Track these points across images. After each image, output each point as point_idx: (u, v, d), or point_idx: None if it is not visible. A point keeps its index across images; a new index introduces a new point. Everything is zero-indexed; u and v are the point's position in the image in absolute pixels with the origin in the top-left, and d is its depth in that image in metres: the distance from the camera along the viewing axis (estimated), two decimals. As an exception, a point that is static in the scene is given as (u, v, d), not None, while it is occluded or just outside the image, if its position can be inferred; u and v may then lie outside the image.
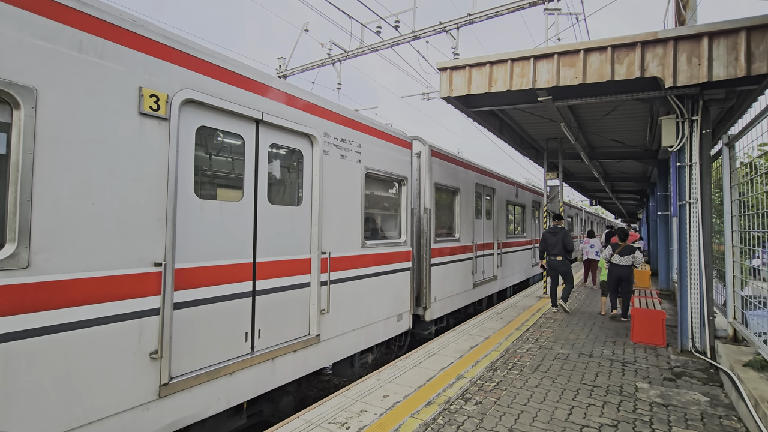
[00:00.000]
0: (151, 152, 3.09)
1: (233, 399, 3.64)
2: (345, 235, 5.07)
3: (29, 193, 2.46)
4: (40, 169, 2.51)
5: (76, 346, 2.64)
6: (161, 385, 3.08)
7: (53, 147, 2.56)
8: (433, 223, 7.30)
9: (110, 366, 2.82)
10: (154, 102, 3.10)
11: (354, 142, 5.24)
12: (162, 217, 3.11)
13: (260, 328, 3.95)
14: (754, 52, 4.27)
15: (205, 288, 3.46)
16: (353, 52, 11.36)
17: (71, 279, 2.63)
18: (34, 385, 2.47)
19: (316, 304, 4.53)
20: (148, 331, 3.01)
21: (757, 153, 4.33)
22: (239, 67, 3.80)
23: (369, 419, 3.61)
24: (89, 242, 2.72)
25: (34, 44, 2.49)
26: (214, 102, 3.53)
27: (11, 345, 2.36)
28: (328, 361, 4.80)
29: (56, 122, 2.58)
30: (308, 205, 4.57)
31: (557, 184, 10.35)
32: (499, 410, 3.81)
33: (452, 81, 5.95)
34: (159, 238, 3.09)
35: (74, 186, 2.66)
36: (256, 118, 3.91)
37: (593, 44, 5.01)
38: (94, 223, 2.75)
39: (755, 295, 4.42)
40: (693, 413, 3.79)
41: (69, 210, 2.63)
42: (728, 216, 4.99)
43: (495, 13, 9.21)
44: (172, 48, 3.25)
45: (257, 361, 3.85)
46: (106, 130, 2.84)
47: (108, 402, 2.80)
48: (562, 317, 7.83)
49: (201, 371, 3.37)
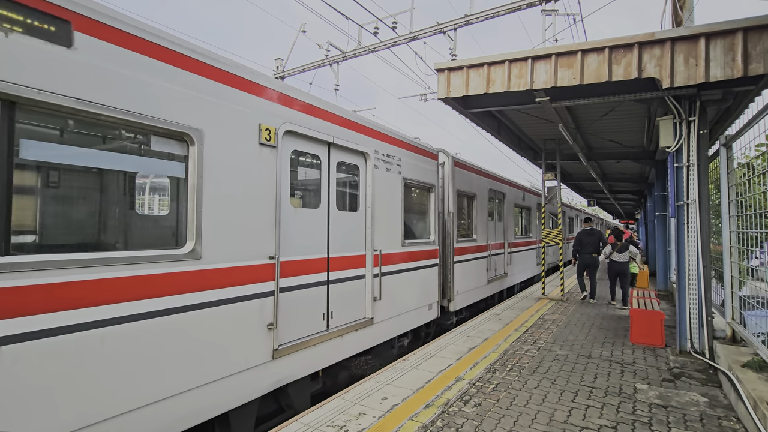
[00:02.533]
0: (267, 173, 4.03)
1: (315, 366, 4.56)
2: (390, 236, 6.01)
3: (200, 206, 3.38)
4: (206, 188, 3.42)
5: (227, 316, 3.57)
6: (274, 350, 4.00)
7: (212, 171, 3.48)
8: (456, 225, 8.22)
9: (245, 333, 3.74)
10: (267, 134, 4.04)
11: (395, 157, 6.22)
12: (273, 222, 4.05)
13: (333, 310, 4.87)
14: (751, 52, 4.28)
15: (298, 277, 4.38)
16: (351, 53, 11.35)
17: (224, 268, 3.56)
18: (200, 346, 3.36)
19: (370, 292, 5.50)
20: (266, 308, 3.93)
21: (754, 153, 4.34)
22: (318, 102, 4.76)
23: (367, 422, 3.59)
24: (233, 241, 3.66)
25: (204, 99, 3.47)
26: (303, 131, 4.47)
27: (190, 314, 3.29)
28: (378, 340, 5.71)
29: (213, 153, 3.51)
30: (363, 211, 5.54)
31: (555, 185, 10.35)
32: (498, 412, 3.80)
33: (450, 82, 5.94)
34: (271, 238, 4.03)
35: (224, 200, 3.59)
36: (329, 141, 4.85)
37: (591, 45, 5.01)
38: (236, 227, 3.69)
39: (753, 295, 4.42)
40: (692, 414, 3.78)
41: (222, 217, 3.56)
42: (726, 216, 4.99)
43: (492, 14, 9.22)
44: (277, 91, 4.20)
45: (331, 337, 4.77)
46: (241, 157, 3.78)
47: (244, 359, 3.71)
48: (560, 318, 7.82)
49: (296, 342, 4.29)
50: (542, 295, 10.19)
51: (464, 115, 7.51)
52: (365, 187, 5.55)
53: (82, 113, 2.75)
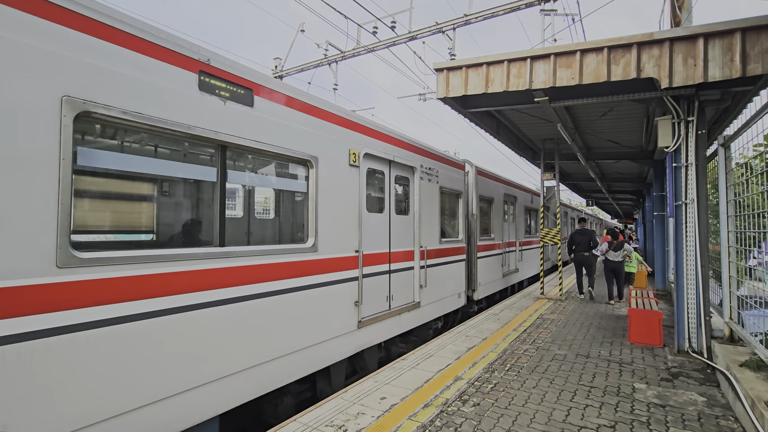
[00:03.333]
0: (353, 186, 5.27)
1: (382, 337, 5.85)
2: (431, 234, 7.25)
3: (316, 213, 4.63)
4: (320, 200, 4.68)
5: (333, 294, 4.86)
6: (358, 321, 5.28)
7: (323, 187, 4.73)
8: (478, 226, 9.55)
9: (341, 307, 5.01)
10: (354, 157, 5.29)
11: (434, 169, 7.48)
12: (357, 224, 5.31)
13: (393, 294, 6.14)
14: (749, 53, 4.28)
15: (372, 266, 5.63)
16: (349, 52, 11.34)
17: (330, 258, 4.82)
18: (319, 315, 4.63)
19: (417, 281, 6.77)
20: (354, 289, 5.22)
21: (752, 153, 4.35)
22: (384, 129, 6.09)
23: (366, 422, 3.59)
24: (335, 238, 4.91)
25: (320, 135, 4.75)
26: (375, 153, 5.74)
27: (312, 291, 4.53)
28: (423, 320, 7.04)
29: (323, 174, 4.75)
30: (412, 214, 6.80)
31: (554, 185, 10.37)
32: (496, 412, 3.80)
33: (449, 82, 5.94)
34: (356, 236, 5.29)
35: (329, 208, 4.83)
36: (390, 159, 6.15)
37: (589, 45, 5.01)
38: (337, 227, 4.95)
39: (751, 295, 4.43)
40: (690, 413, 3.79)
41: (328, 221, 4.81)
42: (724, 216, 5.00)
43: (491, 13, 9.22)
44: (359, 123, 5.48)
45: (392, 315, 6.05)
46: (338, 175, 5.02)
47: (340, 327, 4.97)
48: (559, 318, 7.83)
49: (371, 317, 5.55)
50: (541, 294, 10.20)
51: (463, 115, 7.52)
52: (413, 195, 6.84)
53: (257, 151, 4.03)
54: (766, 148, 3.98)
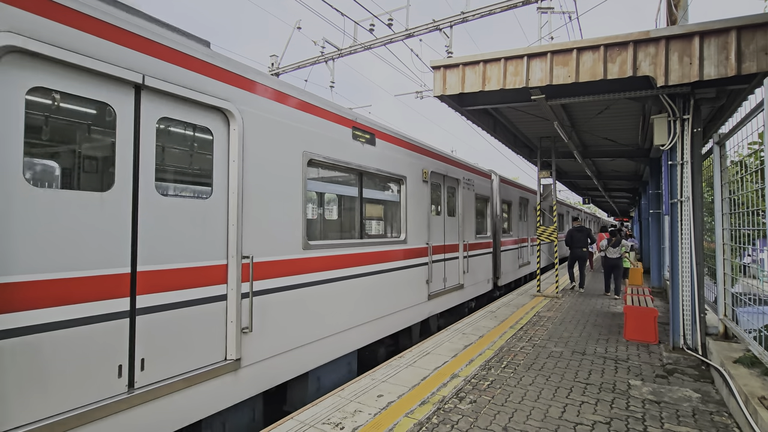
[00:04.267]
0: (425, 197, 7.21)
1: (441, 308, 7.78)
2: (469, 231, 9.21)
3: (406, 215, 6.53)
4: (408, 206, 6.60)
5: (415, 274, 6.78)
6: (428, 295, 7.23)
7: (409, 198, 6.62)
8: (500, 224, 11.60)
9: (419, 284, 6.92)
10: (425, 175, 7.21)
11: (471, 180, 9.45)
12: (426, 224, 7.20)
13: (446, 277, 8.04)
14: (745, 51, 4.30)
15: (435, 255, 7.48)
16: (346, 50, 11.30)
17: (414, 248, 6.75)
18: (409, 287, 6.59)
19: (462, 267, 8.71)
20: (426, 271, 7.12)
21: (747, 151, 4.37)
22: (441, 151, 8.09)
23: (363, 419, 3.59)
24: (416, 234, 6.82)
25: (408, 161, 6.70)
26: (437, 170, 7.77)
27: (406, 270, 6.47)
28: (464, 299, 8.88)
29: (409, 188, 6.65)
30: (458, 216, 8.71)
31: (550, 183, 10.40)
32: (493, 409, 3.82)
33: (446, 79, 5.94)
34: (426, 233, 7.18)
35: (413, 211, 6.75)
36: (444, 174, 8.08)
37: (586, 43, 5.02)
38: (416, 227, 6.84)
39: (745, 292, 4.46)
40: (685, 410, 3.82)
41: (412, 221, 6.71)
42: (719, 214, 5.03)
43: (488, 11, 9.21)
44: (427, 149, 7.45)
45: (446, 293, 7.97)
46: (417, 189, 6.91)
47: (418, 298, 6.88)
48: (555, 315, 7.87)
49: (434, 293, 7.45)
50: (537, 292, 10.25)
51: (460, 113, 7.51)
52: (458, 201, 8.75)
53: (378, 175, 6.09)
54: (760, 146, 4.00)
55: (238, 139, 3.75)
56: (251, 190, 3.90)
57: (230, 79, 3.77)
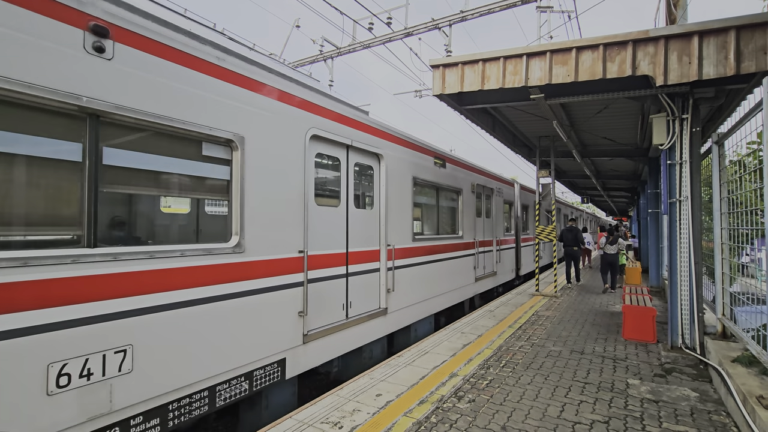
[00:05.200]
0: (473, 203, 9.47)
1: (482, 290, 9.91)
2: (500, 229, 11.45)
3: (462, 217, 8.84)
4: (464, 210, 8.97)
5: (467, 261, 9.06)
6: (475, 278, 9.47)
7: (465, 204, 8.97)
8: (521, 224, 13.90)
9: (469, 269, 9.18)
10: (473, 187, 9.42)
11: (501, 189, 11.72)
12: (473, 223, 9.44)
13: (485, 264, 10.11)
14: (744, 51, 4.30)
15: (479, 248, 9.72)
16: (345, 48, 11.29)
17: (466, 242, 9.04)
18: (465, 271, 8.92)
19: (495, 258, 10.87)
20: (473, 260, 9.36)
21: (745, 151, 4.37)
22: (484, 168, 10.26)
23: (362, 418, 3.59)
24: (468, 231, 9.07)
25: (465, 178, 9.12)
26: (480, 183, 9.90)
27: (460, 259, 8.69)
28: (497, 284, 11.18)
29: (464, 197, 8.95)
30: (492, 217, 10.81)
31: (549, 182, 10.40)
32: (491, 408, 3.82)
33: (445, 78, 5.93)
34: (473, 230, 9.42)
35: (467, 215, 9.06)
36: (483, 185, 10.10)
37: (585, 42, 5.01)
38: (468, 225, 9.13)
39: (744, 291, 4.47)
40: (683, 409, 3.83)
41: (466, 222, 8.99)
42: (717, 213, 5.04)
43: (488, 10, 9.20)
44: (474, 167, 9.73)
45: (485, 278, 10.05)
46: (469, 198, 9.19)
47: (469, 279, 9.17)
48: (554, 315, 7.88)
49: (479, 276, 9.71)
50: (536, 291, 10.26)
51: (459, 112, 7.50)
52: (493, 206, 10.94)
53: (447, 189, 8.25)
54: (759, 146, 4.00)
55: (385, 171, 5.95)
56: (390, 204, 6.05)
57: (381, 134, 5.94)
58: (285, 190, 4.21)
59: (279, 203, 4.13)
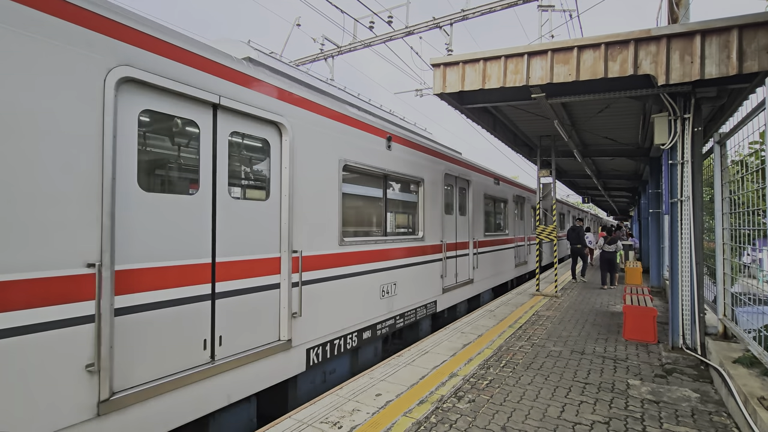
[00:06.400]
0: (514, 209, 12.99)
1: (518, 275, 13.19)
2: (529, 229, 14.40)
3: (506, 218, 12.10)
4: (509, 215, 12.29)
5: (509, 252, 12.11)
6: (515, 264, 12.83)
7: (509, 211, 12.33)
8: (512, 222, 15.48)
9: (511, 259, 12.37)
10: (514, 198, 12.70)
11: (530, 197, 14.32)
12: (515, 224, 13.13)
13: (519, 255, 13.15)
14: (746, 50, 4.27)
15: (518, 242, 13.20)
16: (346, 47, 11.26)
17: (511, 237, 12.36)
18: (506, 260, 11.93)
19: (526, 251, 13.95)
20: (515, 251, 12.81)
21: (747, 151, 4.35)
22: (520, 182, 13.62)
23: (361, 418, 3.58)
24: (513, 229, 12.65)
25: (509, 191, 12.15)
26: (517, 194, 13.21)
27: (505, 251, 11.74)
28: (526, 272, 13.92)
29: (509, 206, 12.35)
30: (523, 219, 13.76)
31: (550, 182, 10.38)
32: (491, 408, 3.81)
33: (446, 77, 5.91)
34: (514, 229, 12.93)
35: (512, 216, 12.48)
36: (517, 194, 13.08)
37: (587, 41, 4.99)
38: (512, 224, 12.52)
39: (745, 292, 4.45)
40: (684, 409, 3.81)
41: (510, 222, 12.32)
42: (719, 214, 5.02)
43: (488, 9, 9.18)
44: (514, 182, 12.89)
45: (519, 266, 13.14)
46: (511, 206, 12.50)
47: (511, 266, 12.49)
48: (554, 314, 7.86)
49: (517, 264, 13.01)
50: (536, 291, 10.25)
51: (460, 111, 7.48)
52: (524, 210, 13.69)
53: (499, 200, 11.36)
54: (761, 146, 3.98)
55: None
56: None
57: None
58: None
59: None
